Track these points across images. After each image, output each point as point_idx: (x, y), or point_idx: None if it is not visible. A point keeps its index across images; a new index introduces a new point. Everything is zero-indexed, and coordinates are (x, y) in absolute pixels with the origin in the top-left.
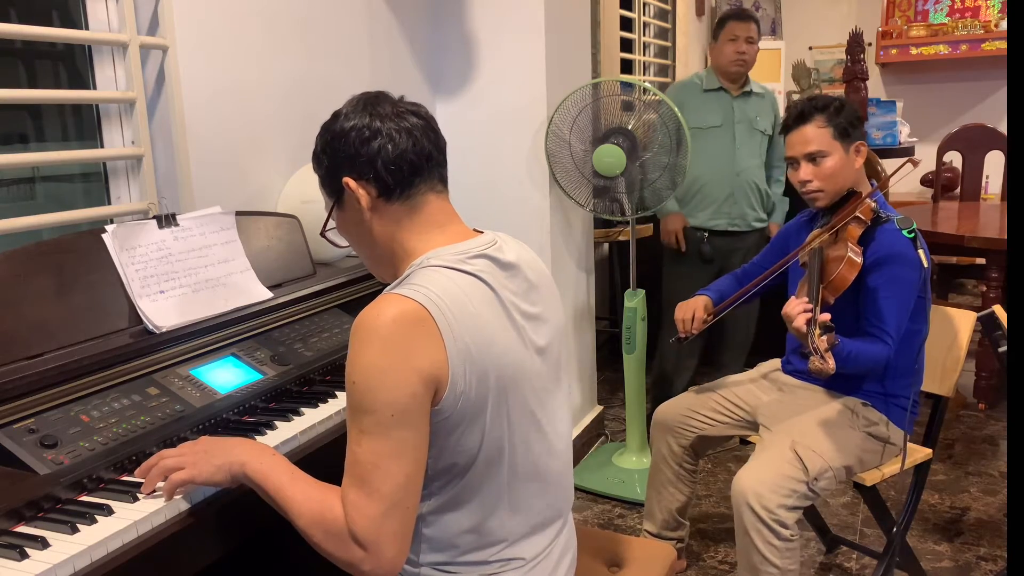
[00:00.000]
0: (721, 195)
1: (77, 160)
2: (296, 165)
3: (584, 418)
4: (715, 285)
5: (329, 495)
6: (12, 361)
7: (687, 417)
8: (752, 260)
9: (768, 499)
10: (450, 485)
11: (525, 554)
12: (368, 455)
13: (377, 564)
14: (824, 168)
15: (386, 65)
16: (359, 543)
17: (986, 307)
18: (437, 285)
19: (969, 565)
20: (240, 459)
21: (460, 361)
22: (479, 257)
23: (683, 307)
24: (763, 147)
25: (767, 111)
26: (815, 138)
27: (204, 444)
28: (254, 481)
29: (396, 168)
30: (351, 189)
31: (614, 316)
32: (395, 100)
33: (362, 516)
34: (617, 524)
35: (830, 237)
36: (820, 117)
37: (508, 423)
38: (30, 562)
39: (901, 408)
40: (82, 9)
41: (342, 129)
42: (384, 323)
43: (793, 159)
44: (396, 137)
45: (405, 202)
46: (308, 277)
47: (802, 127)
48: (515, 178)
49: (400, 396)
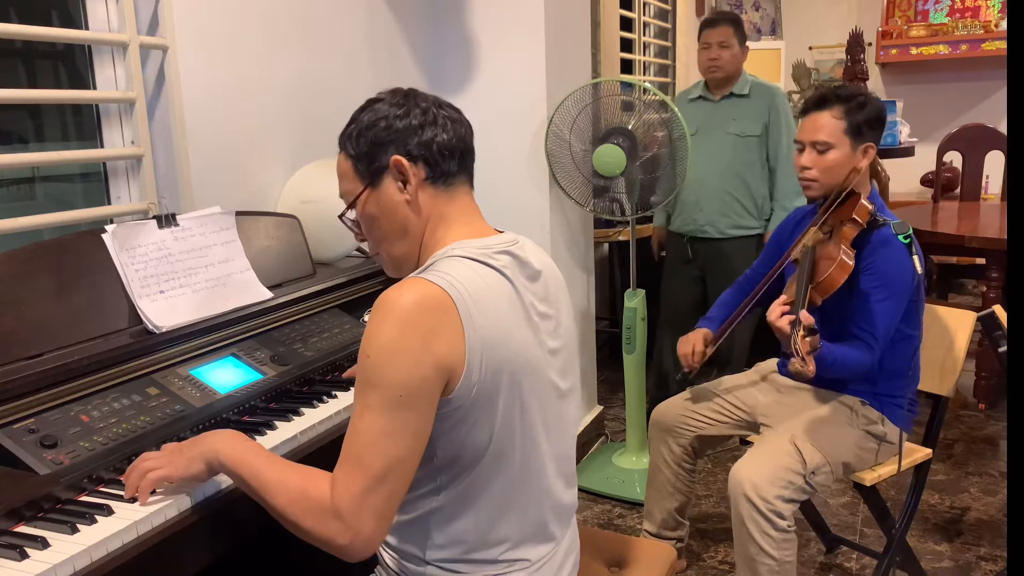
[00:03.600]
0: (689, 201)
1: (77, 160)
2: (296, 165)
3: (584, 418)
4: (715, 307)
5: (309, 474)
6: (12, 361)
7: (686, 417)
8: (752, 266)
9: (765, 490)
10: (458, 480)
11: (531, 556)
12: (367, 430)
13: (354, 538)
14: (826, 159)
15: (386, 65)
16: (339, 515)
17: (986, 307)
18: (461, 274)
19: (969, 565)
20: (213, 447)
21: (477, 351)
22: (503, 253)
23: (684, 342)
24: (742, 149)
25: (754, 112)
26: (826, 128)
27: (183, 443)
28: (229, 467)
29: (449, 154)
30: (402, 168)
31: (614, 316)
32: (426, 96)
33: (347, 488)
34: (617, 524)
35: (824, 236)
36: (838, 108)
37: (519, 420)
38: (30, 562)
39: (898, 407)
40: (82, 9)
41: (394, 112)
42: (406, 304)
43: (800, 142)
44: (449, 126)
45: (446, 189)
46: (308, 277)
47: (818, 113)
48: (515, 178)
49: (411, 378)
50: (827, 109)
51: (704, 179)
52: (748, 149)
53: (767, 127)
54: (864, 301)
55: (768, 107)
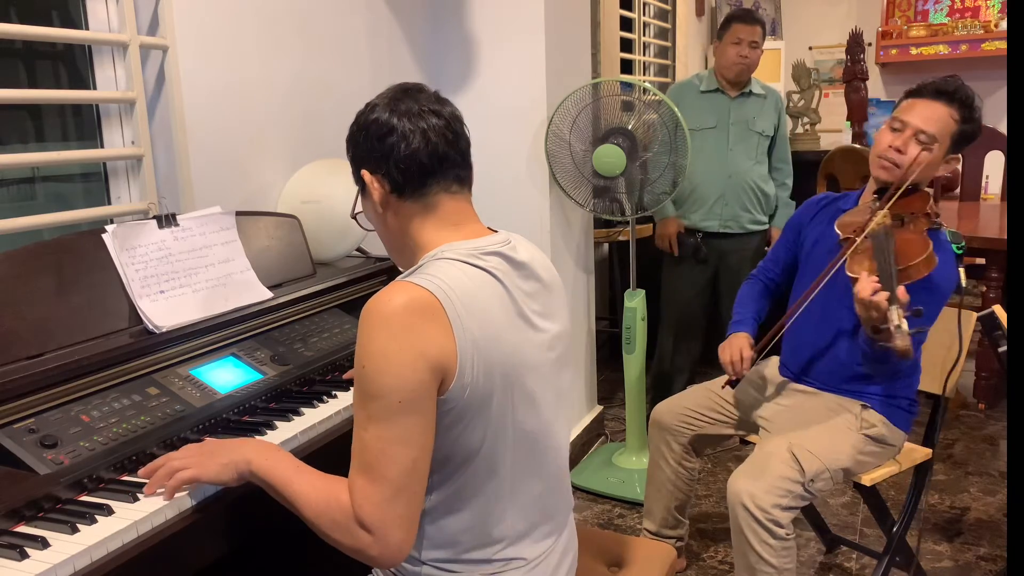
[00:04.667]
0: (712, 196)
1: (77, 160)
2: (296, 165)
3: (584, 418)
4: (738, 305)
5: (335, 484)
6: (12, 361)
7: (685, 416)
8: (767, 255)
9: (763, 499)
10: (451, 480)
11: (527, 554)
12: (375, 441)
13: (384, 548)
14: (919, 151)
15: (386, 65)
16: (366, 528)
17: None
18: (449, 276)
19: (969, 565)
20: (245, 457)
21: (469, 352)
22: (493, 254)
23: (726, 349)
24: (761, 148)
25: (768, 112)
26: (940, 122)
27: (209, 445)
28: (260, 477)
29: (406, 168)
30: (367, 181)
31: (614, 316)
32: (422, 97)
33: (368, 501)
34: (617, 524)
35: (896, 223)
36: (959, 109)
37: (512, 420)
38: (30, 562)
39: (901, 409)
40: (82, 9)
41: (366, 121)
42: (394, 309)
43: (904, 123)
44: (409, 137)
45: (418, 200)
46: (308, 277)
47: (938, 103)
48: (515, 178)
49: (407, 382)
50: (949, 105)
51: (734, 174)
52: (763, 146)
53: (775, 127)
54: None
55: (777, 109)
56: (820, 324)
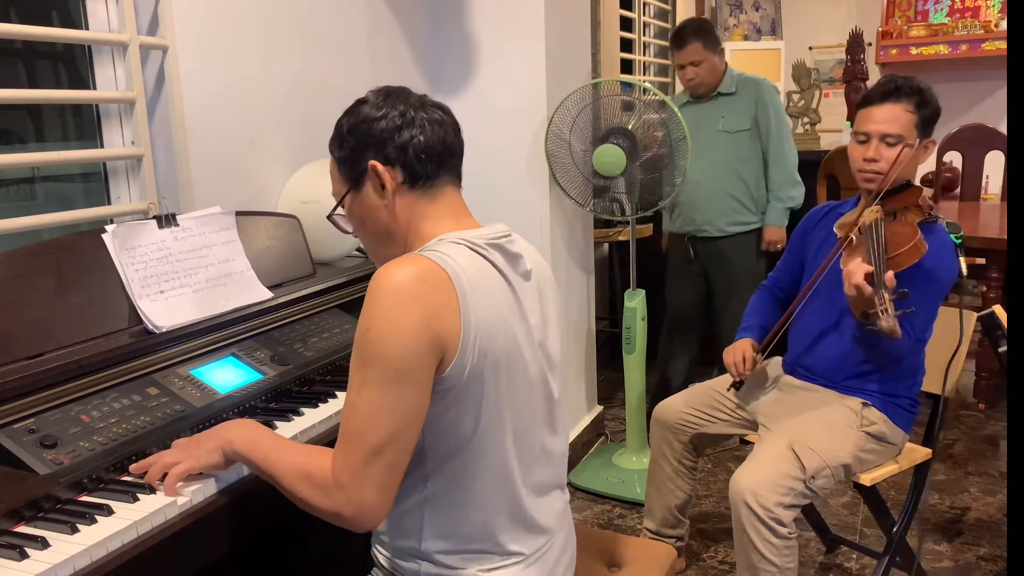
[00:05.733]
0: (687, 202)
1: (77, 160)
2: (296, 165)
3: (584, 418)
4: (747, 314)
5: (318, 451)
6: (12, 361)
7: (686, 414)
8: (776, 266)
9: (765, 497)
10: (444, 467)
11: (525, 549)
12: (364, 405)
13: (359, 508)
14: (895, 153)
15: (386, 65)
16: (341, 488)
17: (986, 307)
18: (457, 255)
19: (969, 565)
20: (227, 437)
21: (471, 331)
22: (493, 247)
23: (730, 352)
24: (734, 147)
25: (740, 107)
26: (899, 120)
27: (195, 437)
28: (242, 454)
29: (426, 157)
30: (378, 173)
31: (614, 316)
32: (412, 98)
33: (347, 462)
34: (617, 524)
35: (887, 216)
36: (910, 101)
37: (507, 409)
38: (30, 562)
39: (902, 408)
40: (82, 9)
41: (372, 115)
42: (404, 278)
43: (866, 135)
44: (427, 128)
45: (427, 191)
46: (308, 277)
47: (889, 105)
48: (515, 178)
49: (407, 351)
50: (899, 101)
51: (699, 179)
52: (740, 144)
53: (755, 119)
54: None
55: (755, 100)
56: (822, 322)
